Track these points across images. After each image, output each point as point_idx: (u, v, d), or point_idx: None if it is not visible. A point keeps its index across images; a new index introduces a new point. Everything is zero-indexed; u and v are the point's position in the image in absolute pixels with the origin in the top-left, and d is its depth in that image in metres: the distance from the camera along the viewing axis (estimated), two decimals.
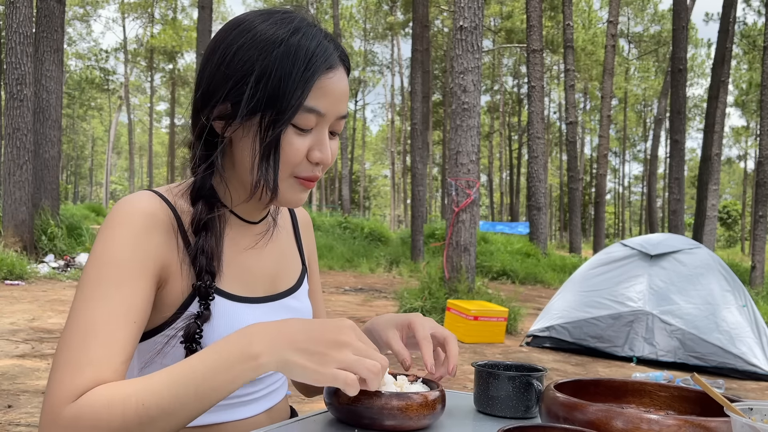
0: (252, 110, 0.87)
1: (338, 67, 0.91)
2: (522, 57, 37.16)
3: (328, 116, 0.90)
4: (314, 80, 0.88)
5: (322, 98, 0.89)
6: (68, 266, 9.61)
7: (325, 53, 0.89)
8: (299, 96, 0.87)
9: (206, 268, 0.89)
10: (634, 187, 62.81)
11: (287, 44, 0.88)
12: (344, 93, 0.92)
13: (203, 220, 0.91)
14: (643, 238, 6.68)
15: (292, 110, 0.87)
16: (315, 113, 0.89)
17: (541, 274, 14.01)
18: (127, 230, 0.85)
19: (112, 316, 0.81)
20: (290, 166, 0.90)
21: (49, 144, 10.29)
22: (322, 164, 0.92)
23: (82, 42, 47.31)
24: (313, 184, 0.94)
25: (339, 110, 0.92)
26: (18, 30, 9.40)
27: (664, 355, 5.72)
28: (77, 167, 58.42)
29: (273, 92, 0.87)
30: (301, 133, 0.89)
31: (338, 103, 0.91)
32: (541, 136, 16.20)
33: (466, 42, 7.60)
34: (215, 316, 0.90)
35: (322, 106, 0.89)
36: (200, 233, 0.91)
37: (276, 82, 0.86)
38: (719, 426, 0.73)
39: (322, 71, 0.88)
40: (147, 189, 0.93)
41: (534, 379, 0.98)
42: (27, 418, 3.27)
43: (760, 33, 27.46)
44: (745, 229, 47.13)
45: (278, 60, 0.87)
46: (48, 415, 0.76)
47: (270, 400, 1.03)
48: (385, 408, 0.85)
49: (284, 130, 0.88)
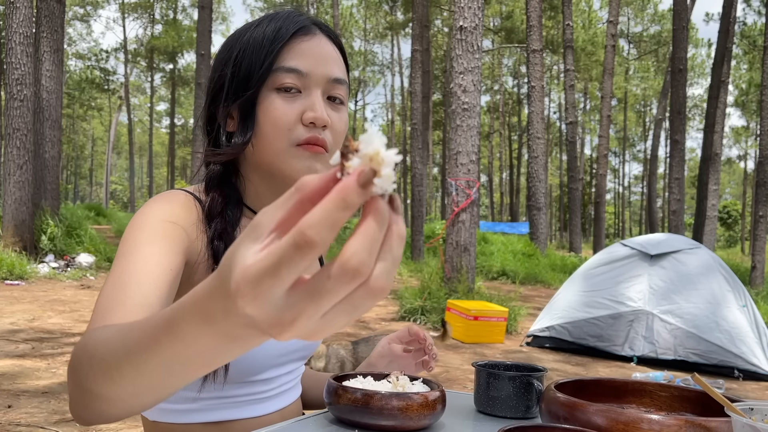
0: (234, 91, 0.91)
1: (315, 32, 0.93)
2: (522, 57, 37.16)
3: (312, 76, 0.90)
4: (284, 42, 0.90)
5: (299, 58, 0.90)
6: (68, 266, 9.61)
7: (294, 20, 0.92)
8: (270, 57, 0.89)
9: (224, 252, 0.89)
10: (634, 187, 62.83)
11: (259, 27, 0.92)
12: (328, 56, 0.92)
13: (216, 208, 0.92)
14: (643, 238, 6.68)
15: (263, 69, 0.88)
16: (295, 72, 0.89)
17: (541, 274, 14.01)
18: (164, 205, 0.88)
19: (142, 264, 0.79)
20: (281, 130, 0.90)
21: (49, 144, 10.29)
22: (319, 124, 0.90)
23: (82, 42, 47.32)
24: (319, 148, 0.91)
25: (325, 71, 0.91)
26: (18, 30, 9.40)
27: (664, 352, 5.72)
28: (77, 167, 58.41)
29: (248, 66, 0.90)
30: (287, 95, 0.90)
31: (321, 63, 0.91)
32: (541, 136, 16.20)
33: (466, 42, 7.60)
34: None
35: (302, 65, 0.90)
36: (214, 219, 0.91)
37: (249, 58, 0.90)
38: (720, 426, 0.73)
39: (291, 33, 0.90)
40: (179, 189, 0.96)
41: (534, 379, 0.98)
42: (27, 418, 3.27)
43: (760, 33, 27.47)
44: (745, 229, 47.12)
45: (251, 39, 0.91)
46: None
47: (283, 400, 1.02)
48: (385, 408, 0.85)
49: (261, 90, 0.89)
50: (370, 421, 0.86)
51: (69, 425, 3.18)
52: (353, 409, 0.86)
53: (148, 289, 0.76)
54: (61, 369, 4.32)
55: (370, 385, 0.94)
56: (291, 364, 1.03)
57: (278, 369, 1.00)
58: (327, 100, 0.93)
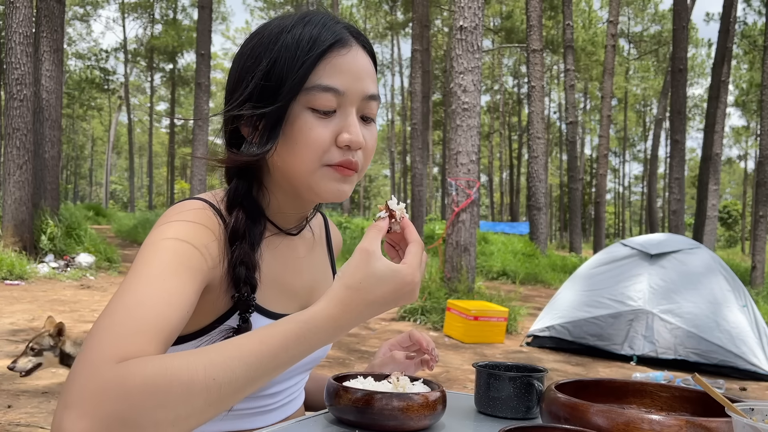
0: (263, 100, 0.85)
1: (352, 44, 0.88)
2: (522, 57, 37.16)
3: (349, 95, 0.86)
4: (321, 55, 0.85)
5: (337, 75, 0.85)
6: (68, 266, 9.61)
7: (331, 30, 0.87)
8: (304, 71, 0.84)
9: (246, 279, 0.87)
10: (634, 187, 62.84)
11: (292, 32, 0.86)
12: (364, 70, 0.88)
13: (240, 229, 0.88)
14: (643, 237, 6.69)
15: (296, 83, 0.84)
16: (332, 91, 0.85)
17: (541, 274, 14.01)
18: (186, 224, 0.83)
19: (165, 293, 0.74)
20: (316, 152, 0.86)
21: (49, 144, 10.29)
22: (354, 147, 0.87)
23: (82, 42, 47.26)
24: (350, 171, 0.88)
25: (362, 88, 0.88)
26: (18, 30, 9.40)
27: (664, 352, 5.72)
28: (77, 167, 58.43)
29: (279, 78, 0.85)
30: (323, 116, 0.86)
31: (358, 80, 0.87)
32: (541, 136, 16.20)
33: (466, 42, 7.60)
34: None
35: (339, 83, 0.85)
36: (237, 242, 0.87)
37: (281, 68, 0.85)
38: (720, 426, 0.73)
39: (329, 47, 0.85)
40: (194, 198, 0.90)
41: (535, 380, 0.98)
42: (27, 418, 3.27)
43: (761, 33, 27.46)
44: (745, 229, 47.14)
45: (283, 48, 0.85)
46: (84, 374, 0.64)
47: (287, 410, 1.03)
48: (385, 408, 0.85)
49: (291, 104, 0.85)
50: (371, 422, 0.86)
51: None
52: (354, 410, 0.86)
53: (168, 325, 0.72)
54: (61, 369, 4.32)
55: (370, 385, 0.94)
56: (298, 376, 1.03)
57: (286, 382, 1.00)
58: (360, 118, 0.90)
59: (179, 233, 0.81)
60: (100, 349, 0.65)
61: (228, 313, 0.88)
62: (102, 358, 0.64)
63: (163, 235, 0.80)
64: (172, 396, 0.63)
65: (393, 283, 0.77)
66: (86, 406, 0.61)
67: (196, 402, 0.65)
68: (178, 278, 0.76)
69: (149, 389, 0.62)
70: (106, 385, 0.62)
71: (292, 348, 0.71)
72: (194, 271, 0.79)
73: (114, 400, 0.61)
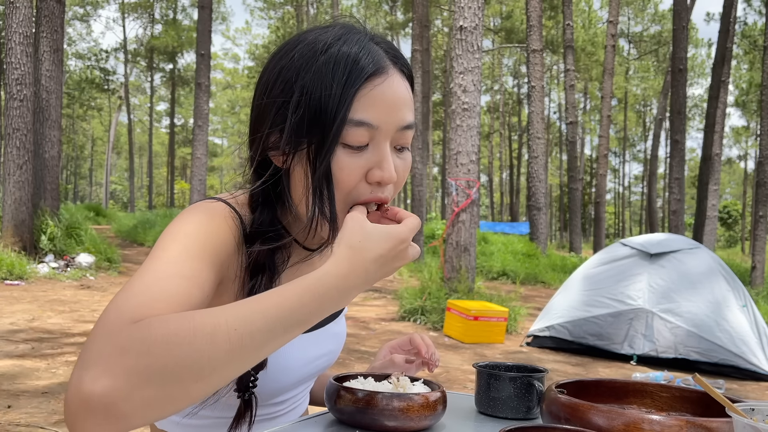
0: (297, 136, 0.79)
1: (388, 70, 0.81)
2: (522, 57, 37.17)
3: (383, 128, 0.80)
4: (357, 89, 0.78)
5: (370, 108, 0.79)
6: (68, 266, 9.61)
7: (369, 56, 0.80)
8: (343, 111, 0.77)
9: (263, 279, 0.85)
10: (634, 187, 62.84)
11: (326, 56, 0.79)
12: (401, 99, 0.81)
13: (261, 261, 0.85)
14: (643, 237, 6.69)
15: (336, 129, 0.77)
16: (365, 126, 0.78)
17: (541, 274, 14.01)
18: (206, 218, 0.81)
19: (188, 272, 0.73)
20: (345, 191, 0.81)
21: (49, 144, 10.29)
22: (385, 183, 0.81)
23: (82, 42, 47.26)
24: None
25: (397, 120, 0.81)
26: (18, 30, 9.40)
27: (664, 351, 5.72)
28: (77, 167, 58.43)
29: (314, 113, 0.78)
30: (354, 151, 0.79)
31: (393, 111, 0.80)
32: (541, 136, 16.20)
33: (466, 42, 7.60)
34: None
35: (373, 118, 0.79)
36: (257, 275, 0.85)
37: (316, 101, 0.78)
38: (721, 426, 0.73)
39: (365, 77, 0.78)
40: (214, 198, 0.88)
41: (535, 380, 0.98)
42: (27, 418, 3.27)
43: (761, 33, 27.46)
44: (745, 229, 47.13)
45: (317, 75, 0.78)
46: (106, 330, 0.61)
47: (292, 416, 1.03)
48: (386, 409, 0.85)
49: (333, 153, 0.78)
50: (371, 422, 0.86)
51: None
52: (354, 410, 0.86)
53: (188, 299, 0.71)
54: (60, 369, 4.32)
55: (371, 386, 0.94)
56: (303, 384, 1.03)
57: (293, 390, 1.01)
58: (393, 148, 0.83)
59: (201, 223, 0.79)
60: (118, 313, 0.63)
61: None
62: (122, 319, 0.62)
63: (184, 222, 0.79)
64: (195, 347, 0.60)
65: (389, 240, 0.75)
66: (107, 363, 0.57)
67: (220, 354, 0.62)
68: (199, 261, 0.75)
69: (173, 340, 0.59)
70: (128, 340, 0.59)
71: (308, 304, 0.69)
72: (213, 260, 0.78)
73: (136, 354, 0.58)
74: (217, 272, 0.79)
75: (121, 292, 0.68)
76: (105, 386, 0.56)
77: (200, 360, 0.60)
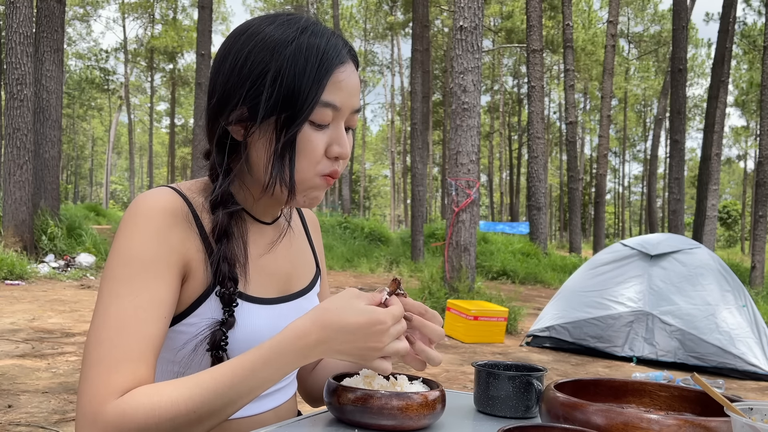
0: (270, 111, 0.88)
1: (348, 62, 0.93)
2: (522, 57, 37.16)
3: (343, 110, 0.92)
4: (329, 75, 0.89)
5: (337, 92, 0.90)
6: (68, 266, 9.61)
7: (335, 48, 0.91)
8: (315, 92, 0.88)
9: (229, 275, 0.90)
10: (634, 187, 62.83)
11: (298, 42, 0.89)
12: (357, 87, 0.94)
13: (224, 227, 0.92)
14: (642, 238, 6.68)
15: (309, 107, 0.88)
16: (331, 107, 0.90)
17: (541, 274, 14.01)
18: (149, 226, 0.86)
19: (142, 311, 0.82)
20: (312, 164, 0.91)
21: (49, 144, 10.29)
22: (342, 158, 0.93)
23: (82, 42, 47.30)
24: (333, 180, 0.94)
25: (353, 104, 0.94)
26: (18, 30, 9.40)
27: (664, 355, 5.72)
28: (77, 167, 58.40)
29: (289, 91, 0.88)
30: (318, 129, 0.90)
31: (352, 96, 0.93)
32: (541, 136, 16.20)
33: (466, 42, 7.60)
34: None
35: (338, 101, 0.90)
36: (222, 240, 0.91)
37: (291, 81, 0.88)
38: (719, 426, 0.73)
39: (335, 66, 0.90)
40: (164, 185, 0.94)
41: (534, 379, 0.99)
42: (27, 418, 3.27)
43: (760, 33, 27.46)
44: (745, 229, 47.13)
45: (291, 58, 0.88)
46: (87, 415, 0.77)
47: (278, 398, 1.02)
48: (385, 408, 0.85)
49: (301, 127, 0.89)
50: (370, 421, 0.86)
51: (69, 425, 3.18)
52: (353, 409, 0.86)
53: (151, 341, 0.82)
54: (61, 369, 4.32)
55: (374, 382, 0.94)
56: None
57: None
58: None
59: (143, 234, 0.85)
60: (96, 387, 0.78)
61: (204, 296, 0.90)
62: (99, 398, 0.77)
63: (126, 244, 0.85)
64: (163, 429, 0.78)
65: (367, 316, 0.81)
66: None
67: (182, 430, 0.79)
68: (150, 289, 0.83)
69: (142, 426, 0.77)
70: (107, 428, 0.77)
71: (260, 372, 0.81)
72: (168, 264, 0.86)
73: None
74: (178, 270, 0.87)
75: (91, 350, 0.80)
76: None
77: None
